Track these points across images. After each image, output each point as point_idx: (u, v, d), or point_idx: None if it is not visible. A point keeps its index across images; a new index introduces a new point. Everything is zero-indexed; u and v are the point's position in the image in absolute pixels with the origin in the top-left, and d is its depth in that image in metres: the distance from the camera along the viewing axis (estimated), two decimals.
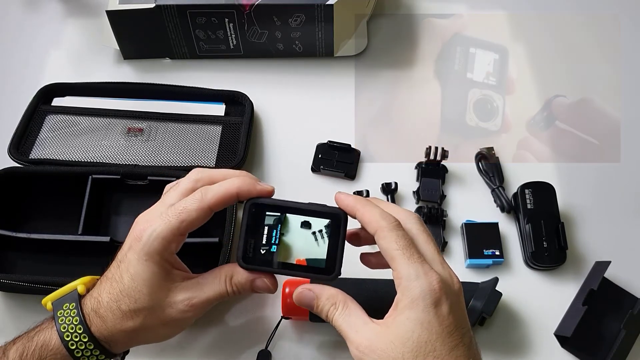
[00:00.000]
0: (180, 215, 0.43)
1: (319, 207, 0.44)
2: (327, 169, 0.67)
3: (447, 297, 0.39)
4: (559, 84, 0.74)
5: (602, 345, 0.57)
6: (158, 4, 0.68)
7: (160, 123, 0.67)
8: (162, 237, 0.43)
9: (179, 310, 0.44)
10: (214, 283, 0.46)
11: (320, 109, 0.72)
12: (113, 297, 0.43)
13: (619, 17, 0.80)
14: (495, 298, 0.56)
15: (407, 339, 0.38)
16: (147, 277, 0.43)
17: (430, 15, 0.80)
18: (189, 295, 0.45)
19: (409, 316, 0.39)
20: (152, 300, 0.44)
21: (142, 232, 0.43)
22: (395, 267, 0.40)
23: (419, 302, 0.38)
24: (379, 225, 0.41)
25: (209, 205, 0.43)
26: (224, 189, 0.44)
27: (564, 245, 0.60)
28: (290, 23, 0.70)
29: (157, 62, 0.76)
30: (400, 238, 0.40)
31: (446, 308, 0.39)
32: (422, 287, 0.39)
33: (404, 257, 0.40)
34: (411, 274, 0.39)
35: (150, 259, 0.43)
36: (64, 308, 0.44)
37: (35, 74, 0.74)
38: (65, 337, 0.43)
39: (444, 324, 0.38)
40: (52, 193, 0.63)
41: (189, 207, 0.43)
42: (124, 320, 0.43)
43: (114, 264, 0.45)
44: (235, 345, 0.58)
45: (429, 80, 0.75)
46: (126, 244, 0.45)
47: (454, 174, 0.67)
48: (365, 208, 0.42)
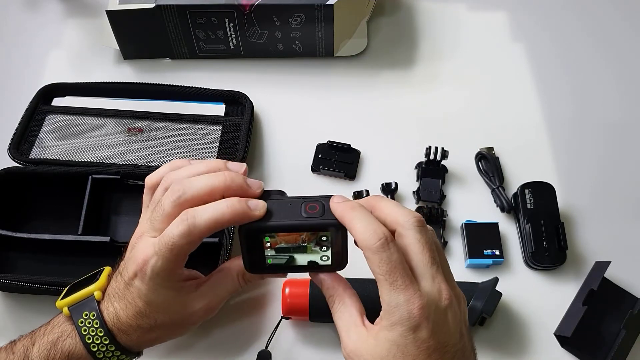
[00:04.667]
0: (173, 250, 0.41)
1: (315, 221, 0.41)
2: (327, 169, 0.67)
3: (429, 320, 0.38)
4: (558, 84, 0.74)
5: (602, 345, 0.57)
6: (158, 4, 0.68)
7: (160, 123, 0.67)
8: (164, 269, 0.42)
9: (200, 316, 0.46)
10: (227, 282, 0.47)
11: (320, 109, 0.72)
12: (131, 317, 0.44)
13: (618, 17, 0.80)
14: (495, 298, 0.56)
15: (384, 355, 0.38)
16: (162, 300, 0.44)
17: (430, 15, 0.80)
18: (207, 300, 0.46)
19: (387, 336, 0.39)
20: (172, 317, 0.45)
21: (144, 266, 0.42)
22: (379, 289, 0.39)
23: (397, 327, 0.38)
24: (364, 245, 0.39)
25: (199, 236, 0.41)
26: (214, 221, 0.41)
27: (564, 245, 0.60)
28: (290, 23, 0.70)
29: (157, 62, 0.76)
30: (384, 262, 0.38)
31: (426, 332, 0.38)
32: (401, 315, 0.38)
33: (387, 283, 0.38)
34: (392, 301, 0.38)
35: (160, 286, 0.43)
36: (84, 317, 0.44)
37: (35, 74, 0.74)
38: (92, 348, 0.43)
39: (421, 347, 0.38)
40: (52, 193, 0.63)
41: (178, 242, 0.41)
42: (147, 334, 0.45)
43: (119, 280, 0.44)
44: (235, 345, 0.58)
45: (429, 80, 0.75)
46: (130, 268, 0.43)
47: (454, 174, 0.67)
48: (352, 222, 0.40)
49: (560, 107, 0.72)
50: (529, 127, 0.71)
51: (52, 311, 0.46)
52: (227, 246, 0.57)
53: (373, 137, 0.70)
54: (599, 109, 0.73)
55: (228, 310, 0.59)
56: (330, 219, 0.41)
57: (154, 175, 0.46)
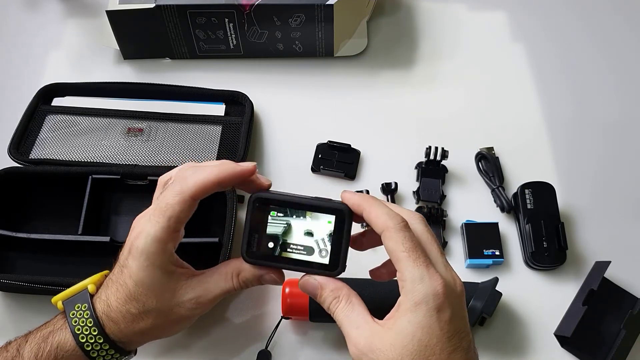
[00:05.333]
0: (166, 213, 0.43)
1: (324, 203, 0.43)
2: (327, 169, 0.67)
3: (450, 302, 0.38)
4: (558, 84, 0.74)
5: (602, 345, 0.57)
6: (158, 4, 0.68)
7: (160, 123, 0.67)
8: (157, 239, 0.43)
9: (187, 309, 0.45)
10: (220, 280, 0.46)
11: (320, 109, 0.72)
12: (121, 302, 0.44)
13: (618, 17, 0.80)
14: (495, 298, 0.56)
15: (407, 342, 0.38)
16: (151, 282, 0.43)
17: (430, 15, 0.80)
18: (196, 294, 0.45)
19: (410, 319, 0.38)
20: (160, 303, 0.44)
21: (137, 239, 0.43)
22: (400, 268, 0.39)
23: (422, 306, 0.38)
24: (386, 226, 0.40)
25: (190, 195, 0.43)
26: (202, 177, 0.43)
27: (564, 245, 0.60)
28: (290, 23, 0.70)
29: (157, 62, 0.76)
30: (407, 240, 0.39)
31: (448, 313, 0.38)
32: (426, 291, 0.38)
33: (410, 260, 0.39)
34: (416, 277, 0.38)
35: (151, 265, 0.43)
36: (76, 309, 0.44)
37: (35, 74, 0.74)
38: (81, 339, 0.43)
39: (444, 329, 0.38)
40: (52, 193, 0.63)
41: (171, 201, 0.43)
42: (135, 322, 0.44)
43: (116, 267, 0.45)
44: (235, 345, 0.58)
45: (429, 80, 0.75)
46: (125, 247, 0.44)
47: (454, 174, 0.67)
48: (372, 207, 0.41)
49: (560, 107, 0.73)
50: (529, 127, 0.71)
51: (52, 311, 0.46)
52: (227, 246, 0.57)
53: (373, 137, 0.70)
54: (598, 109, 0.73)
55: (228, 310, 0.59)
56: (340, 204, 0.43)
57: (166, 174, 0.47)
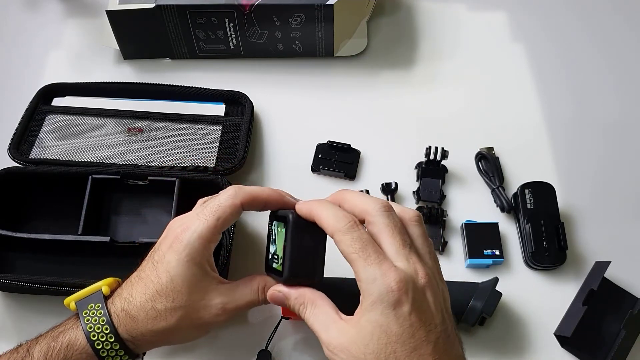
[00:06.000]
0: (216, 212, 0.44)
1: (282, 212, 0.46)
2: (327, 169, 0.67)
3: (408, 295, 0.38)
4: (558, 84, 0.74)
5: (602, 345, 0.57)
6: (158, 4, 0.68)
7: (160, 123, 0.67)
8: (203, 236, 0.44)
9: (213, 314, 0.45)
10: (247, 291, 0.47)
11: (320, 109, 0.72)
12: (148, 297, 0.44)
13: (618, 17, 0.80)
14: (495, 298, 0.56)
15: (368, 341, 0.38)
16: (188, 277, 0.44)
17: (430, 15, 0.80)
18: (224, 300, 0.46)
19: (368, 318, 0.39)
20: (190, 300, 0.44)
21: (183, 233, 0.44)
22: (355, 270, 0.40)
23: (377, 305, 0.38)
24: (334, 229, 0.41)
25: (241, 202, 0.45)
26: (257, 190, 0.46)
27: (564, 245, 0.60)
28: (290, 23, 0.70)
29: (157, 62, 0.76)
30: (356, 240, 0.40)
31: (407, 308, 0.38)
32: (380, 290, 0.38)
33: (361, 260, 0.39)
34: (369, 277, 0.39)
35: (192, 260, 0.44)
36: (89, 308, 0.44)
37: (35, 74, 0.74)
38: (92, 337, 0.43)
39: (404, 325, 0.38)
40: (52, 193, 0.63)
41: (223, 203, 0.45)
42: (157, 320, 0.44)
43: (148, 265, 0.45)
44: (235, 345, 0.58)
45: (429, 80, 0.75)
46: (164, 244, 0.45)
47: (454, 174, 0.67)
48: (322, 211, 0.42)
49: (560, 107, 0.73)
50: (529, 127, 0.71)
51: (52, 311, 0.46)
52: (227, 246, 0.57)
53: (373, 137, 0.70)
54: (598, 109, 0.73)
55: None
56: (287, 212, 0.45)
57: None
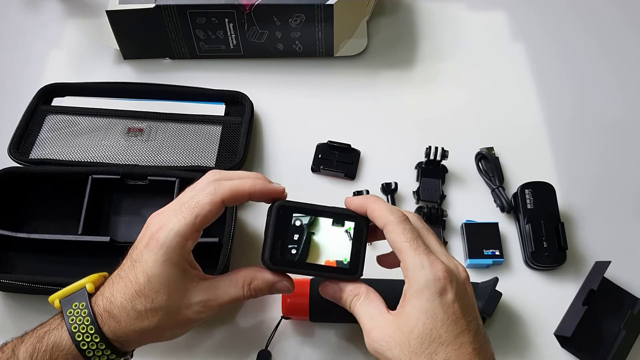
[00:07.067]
0: (194, 210, 0.43)
1: (344, 211, 0.46)
2: (327, 169, 0.67)
3: (452, 285, 0.41)
4: (558, 84, 0.74)
5: (602, 345, 0.57)
6: (158, 4, 0.68)
7: (160, 123, 0.67)
8: (180, 234, 0.42)
9: (195, 312, 0.45)
10: (230, 287, 0.46)
11: (320, 109, 0.72)
12: (128, 297, 0.43)
13: (618, 17, 0.80)
14: (495, 298, 0.56)
15: (413, 327, 0.40)
16: (165, 278, 0.43)
17: (430, 15, 0.80)
18: (206, 297, 0.45)
19: (414, 305, 0.40)
20: (169, 301, 0.43)
21: (159, 231, 0.43)
22: (402, 258, 0.42)
23: (424, 291, 0.40)
24: (387, 220, 0.43)
25: (222, 199, 0.43)
26: (237, 184, 0.44)
27: (564, 245, 0.60)
28: (290, 23, 0.70)
29: (157, 62, 0.76)
30: (407, 231, 0.42)
31: (451, 296, 0.40)
32: (427, 277, 0.40)
33: (411, 249, 0.41)
34: (417, 265, 0.41)
35: (169, 260, 0.43)
36: (74, 307, 0.43)
37: (35, 74, 0.74)
38: (77, 338, 0.42)
39: (448, 312, 0.40)
40: (52, 193, 0.63)
41: (202, 200, 0.43)
42: (138, 320, 0.43)
43: (127, 263, 0.44)
44: (235, 345, 0.58)
45: (429, 80, 0.75)
46: (141, 242, 0.44)
47: (454, 174, 0.67)
48: (374, 204, 0.44)
49: (560, 106, 0.73)
50: (529, 127, 0.71)
51: (52, 311, 0.46)
52: (227, 246, 0.57)
53: (373, 137, 0.70)
54: (599, 109, 0.73)
55: (228, 310, 0.59)
56: (358, 214, 0.45)
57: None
